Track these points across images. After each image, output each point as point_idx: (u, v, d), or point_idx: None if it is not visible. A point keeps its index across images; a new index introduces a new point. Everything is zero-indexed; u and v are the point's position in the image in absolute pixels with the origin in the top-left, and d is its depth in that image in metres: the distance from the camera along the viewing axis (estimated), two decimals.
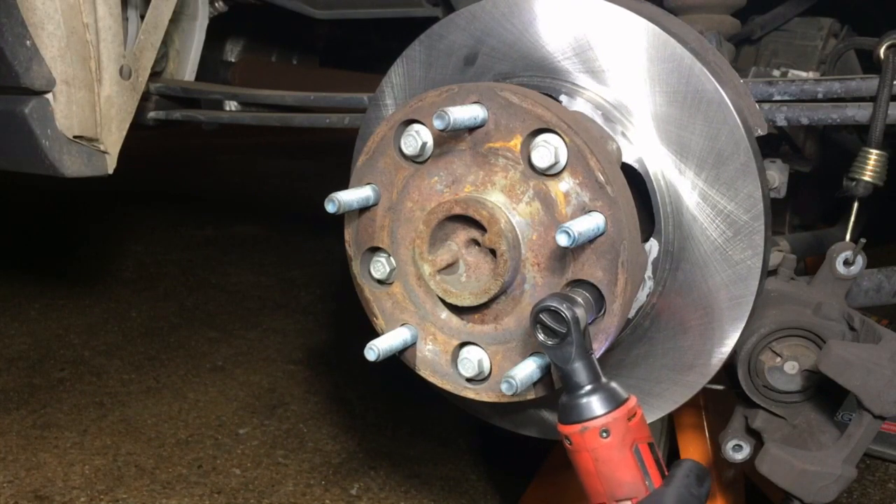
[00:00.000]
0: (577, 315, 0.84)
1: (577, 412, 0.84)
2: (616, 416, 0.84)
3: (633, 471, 0.84)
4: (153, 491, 2.35)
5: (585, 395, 0.85)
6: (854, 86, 1.18)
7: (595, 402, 0.85)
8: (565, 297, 0.86)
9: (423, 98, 1.01)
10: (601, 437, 0.83)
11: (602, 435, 0.83)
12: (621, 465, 0.84)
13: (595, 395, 0.85)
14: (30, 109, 1.47)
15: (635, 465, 0.84)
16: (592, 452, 0.84)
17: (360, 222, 1.10)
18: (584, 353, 0.85)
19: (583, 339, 0.85)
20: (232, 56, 2.43)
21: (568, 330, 0.84)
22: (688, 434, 1.99)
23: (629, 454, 0.84)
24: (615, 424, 0.83)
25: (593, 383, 0.86)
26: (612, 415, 0.84)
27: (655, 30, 1.05)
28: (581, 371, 0.85)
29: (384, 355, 1.05)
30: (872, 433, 1.04)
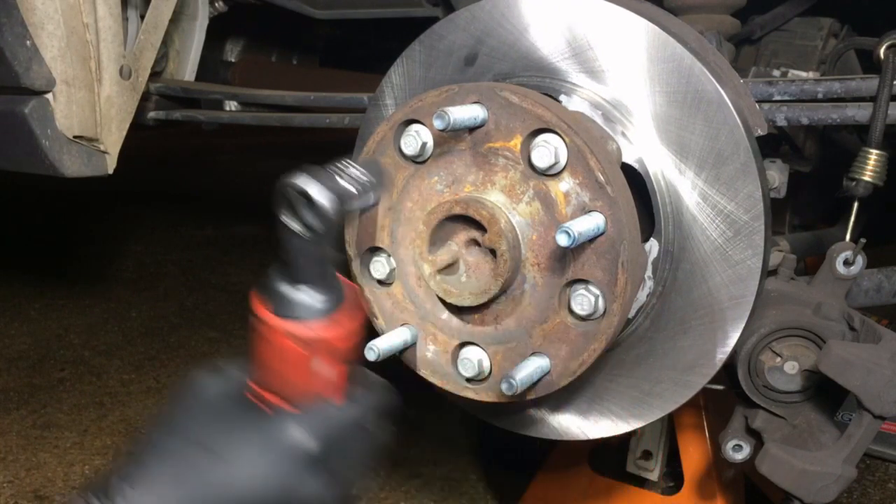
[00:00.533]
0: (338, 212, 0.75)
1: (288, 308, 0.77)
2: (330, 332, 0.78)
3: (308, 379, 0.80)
4: None
5: (310, 291, 0.77)
6: (854, 86, 1.18)
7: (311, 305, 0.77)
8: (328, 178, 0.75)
9: (423, 98, 1.01)
10: (288, 339, 0.78)
11: (290, 338, 0.78)
12: (303, 374, 0.80)
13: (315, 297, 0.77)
14: (30, 109, 1.47)
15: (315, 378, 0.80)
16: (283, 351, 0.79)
17: (360, 222, 1.10)
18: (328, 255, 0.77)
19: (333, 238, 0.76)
20: (232, 56, 2.43)
21: (320, 218, 0.74)
22: (688, 434, 2.00)
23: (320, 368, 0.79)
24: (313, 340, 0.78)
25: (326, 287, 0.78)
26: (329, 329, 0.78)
27: (655, 30, 1.04)
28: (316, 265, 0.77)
29: (384, 355, 1.05)
30: (872, 433, 1.04)
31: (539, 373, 0.98)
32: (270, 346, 0.80)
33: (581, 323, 0.97)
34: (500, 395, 1.01)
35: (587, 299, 0.95)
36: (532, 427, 1.24)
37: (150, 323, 3.60)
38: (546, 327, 0.98)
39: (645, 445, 2.08)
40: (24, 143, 1.50)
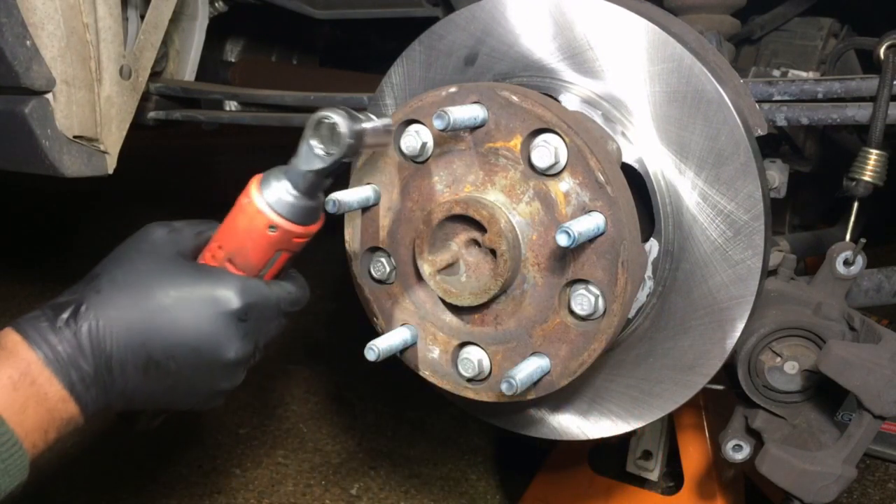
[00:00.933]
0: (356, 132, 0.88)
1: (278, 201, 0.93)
2: (295, 229, 0.94)
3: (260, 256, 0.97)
4: (153, 491, 2.35)
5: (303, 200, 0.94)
6: (854, 86, 1.18)
7: (299, 211, 0.94)
8: (351, 116, 0.89)
9: (423, 98, 1.01)
10: (270, 231, 0.94)
11: (271, 230, 0.94)
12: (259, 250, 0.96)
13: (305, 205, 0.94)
14: (30, 109, 1.47)
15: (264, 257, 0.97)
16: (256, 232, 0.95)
17: (361, 222, 1.10)
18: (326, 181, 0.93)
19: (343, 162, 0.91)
20: (232, 56, 2.43)
21: (340, 146, 0.88)
22: (688, 434, 2.00)
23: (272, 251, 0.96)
24: (287, 234, 0.94)
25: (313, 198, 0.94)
26: (297, 227, 0.94)
27: (655, 30, 1.05)
28: (315, 180, 0.93)
29: (384, 355, 1.05)
30: (872, 433, 1.04)
31: (539, 373, 0.98)
32: (248, 221, 0.94)
33: (581, 323, 0.97)
34: (500, 395, 1.01)
35: (587, 299, 0.95)
36: (532, 427, 1.24)
37: None
38: (546, 327, 0.98)
39: (645, 445, 2.08)
40: (24, 143, 1.50)
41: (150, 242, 0.98)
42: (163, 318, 0.92)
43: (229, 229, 0.98)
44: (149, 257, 0.96)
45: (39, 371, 0.88)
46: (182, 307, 0.93)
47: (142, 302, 0.92)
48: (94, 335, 0.90)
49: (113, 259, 0.97)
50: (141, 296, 0.92)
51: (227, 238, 0.98)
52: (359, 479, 2.46)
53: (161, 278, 0.94)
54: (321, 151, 0.90)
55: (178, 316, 0.92)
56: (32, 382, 0.87)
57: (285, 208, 0.93)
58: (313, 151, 0.90)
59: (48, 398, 0.88)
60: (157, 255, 0.96)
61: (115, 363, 0.92)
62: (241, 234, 0.96)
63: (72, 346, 0.89)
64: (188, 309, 0.93)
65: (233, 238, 0.97)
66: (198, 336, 0.93)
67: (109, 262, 0.97)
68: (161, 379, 0.94)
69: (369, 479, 2.47)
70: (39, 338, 0.89)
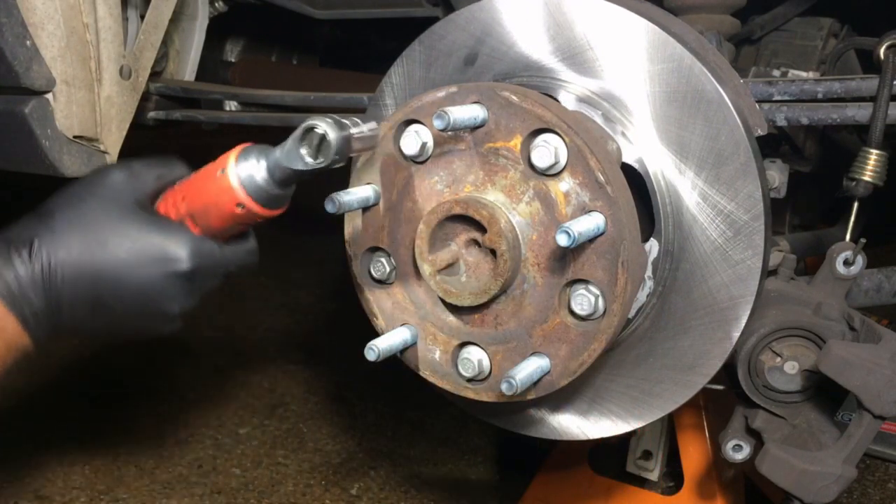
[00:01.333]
0: (342, 147, 0.90)
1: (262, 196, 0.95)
2: (259, 211, 0.96)
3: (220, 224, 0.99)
4: (153, 491, 2.35)
5: (274, 189, 0.95)
6: (854, 86, 1.18)
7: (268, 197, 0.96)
8: (342, 127, 0.90)
9: (423, 98, 1.01)
10: (237, 207, 0.96)
11: (238, 207, 0.96)
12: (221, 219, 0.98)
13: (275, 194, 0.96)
14: (30, 109, 1.47)
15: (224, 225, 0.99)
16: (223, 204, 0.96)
17: (361, 222, 1.10)
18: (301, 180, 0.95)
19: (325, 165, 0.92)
20: (232, 56, 2.43)
21: (326, 158, 0.90)
22: (688, 434, 2.00)
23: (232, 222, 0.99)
24: (251, 213, 0.97)
25: (285, 188, 0.96)
26: (263, 210, 0.97)
27: (655, 30, 1.05)
28: (292, 176, 0.94)
29: (384, 355, 1.05)
30: (872, 433, 1.04)
31: (539, 373, 0.98)
32: (217, 192, 0.96)
33: (581, 323, 0.97)
34: (500, 395, 1.01)
35: (587, 299, 0.95)
36: (532, 427, 1.24)
37: None
38: (546, 327, 0.98)
39: (645, 445, 2.08)
40: (24, 143, 1.50)
41: (108, 187, 0.98)
42: (113, 267, 0.95)
43: (197, 190, 0.99)
44: (106, 203, 0.96)
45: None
46: (133, 260, 0.95)
47: (95, 248, 0.94)
48: (45, 274, 0.93)
49: (68, 198, 0.98)
50: (94, 241, 0.94)
51: (193, 197, 0.99)
52: (359, 479, 2.46)
53: (116, 227, 0.95)
54: (308, 157, 0.91)
55: (128, 268, 0.95)
56: None
57: (256, 191, 0.95)
58: (298, 153, 0.91)
59: (5, 330, 0.92)
60: (114, 201, 0.97)
61: (64, 301, 0.95)
62: (208, 200, 0.97)
63: (25, 282, 0.93)
64: (138, 263, 0.95)
65: (198, 199, 0.98)
66: (145, 289, 0.96)
67: (64, 200, 0.98)
68: (106, 318, 0.98)
69: (369, 479, 2.47)
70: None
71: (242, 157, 0.96)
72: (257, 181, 0.94)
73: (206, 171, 0.99)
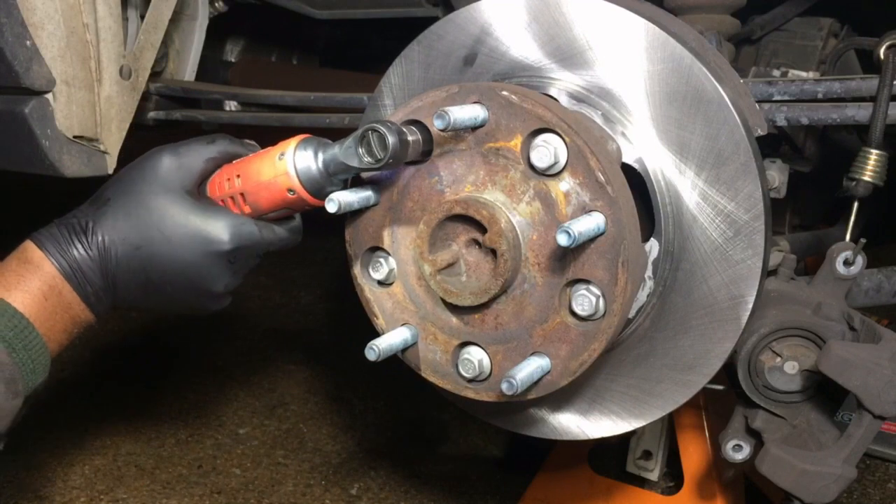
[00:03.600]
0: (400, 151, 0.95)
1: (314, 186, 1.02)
2: (310, 200, 1.03)
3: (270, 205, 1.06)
4: (153, 491, 2.35)
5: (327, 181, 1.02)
6: (854, 86, 1.18)
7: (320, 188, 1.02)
8: (400, 133, 0.95)
9: (424, 98, 1.01)
10: (288, 193, 1.03)
11: (289, 192, 1.03)
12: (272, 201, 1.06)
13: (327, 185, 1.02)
14: (30, 109, 1.47)
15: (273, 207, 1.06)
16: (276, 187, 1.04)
17: (361, 222, 1.10)
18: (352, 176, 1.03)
19: None
20: (232, 56, 2.43)
21: (382, 159, 0.94)
22: (688, 434, 2.00)
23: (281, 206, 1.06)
24: (300, 200, 1.03)
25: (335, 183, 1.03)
26: (313, 199, 1.03)
27: (655, 30, 1.05)
28: (345, 171, 1.00)
29: (384, 355, 1.05)
30: (872, 433, 1.04)
31: (539, 372, 0.98)
32: (273, 175, 1.02)
33: (581, 323, 0.97)
34: (501, 395, 1.01)
35: (588, 299, 0.95)
36: (532, 427, 1.24)
37: (150, 323, 3.60)
38: (546, 327, 0.98)
39: (645, 445, 2.08)
40: (24, 143, 1.50)
41: (157, 172, 1.06)
42: (162, 250, 1.04)
43: (253, 170, 1.05)
44: (154, 188, 1.05)
45: (62, 284, 1.03)
46: (179, 243, 1.04)
47: (145, 232, 1.04)
48: (102, 255, 1.04)
49: (121, 184, 1.07)
50: (145, 226, 1.04)
51: (248, 176, 1.05)
52: (359, 479, 2.46)
53: (163, 212, 1.04)
54: (365, 157, 0.96)
55: (175, 250, 1.04)
56: (59, 293, 1.03)
57: (309, 180, 1.01)
58: (356, 152, 0.96)
59: (72, 307, 1.05)
60: (161, 186, 1.05)
61: (119, 281, 1.06)
62: (262, 181, 1.04)
63: (85, 263, 1.04)
64: (184, 245, 1.04)
65: (252, 179, 1.05)
66: (191, 269, 1.05)
67: (118, 187, 1.07)
68: (158, 297, 1.09)
69: (369, 479, 2.47)
70: (59, 254, 1.04)
71: (302, 146, 1.02)
72: (312, 171, 1.01)
73: (264, 153, 1.05)
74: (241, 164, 1.08)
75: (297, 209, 1.08)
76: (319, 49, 2.67)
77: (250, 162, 1.06)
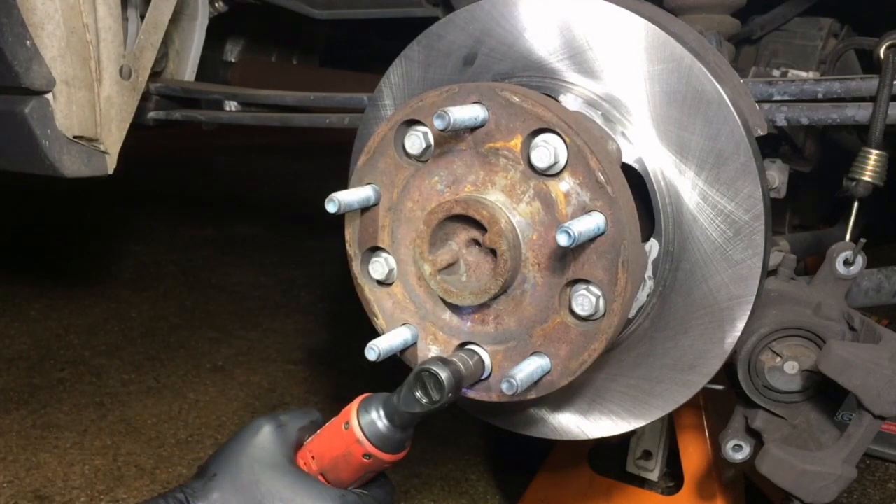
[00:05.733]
0: (455, 384, 0.97)
1: (387, 443, 1.01)
2: (387, 458, 1.02)
3: (351, 476, 1.04)
4: (153, 491, 2.35)
5: (397, 434, 1.01)
6: (854, 86, 1.18)
7: (393, 443, 1.01)
8: (450, 365, 0.97)
9: (424, 98, 1.01)
10: (364, 458, 1.01)
11: (366, 457, 1.01)
12: (351, 471, 1.04)
13: (398, 438, 1.01)
14: (30, 109, 1.47)
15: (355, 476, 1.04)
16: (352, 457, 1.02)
17: (361, 222, 1.10)
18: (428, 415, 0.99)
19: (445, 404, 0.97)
20: (232, 56, 2.43)
21: (441, 397, 0.96)
22: (688, 434, 2.00)
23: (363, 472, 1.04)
24: (379, 461, 1.02)
25: (405, 431, 1.02)
26: (390, 456, 1.02)
27: (655, 30, 1.05)
28: (410, 419, 0.99)
29: (385, 355, 1.05)
30: (872, 433, 1.04)
31: (539, 372, 0.98)
32: (345, 447, 1.02)
33: (581, 323, 0.97)
34: (501, 394, 1.01)
35: (588, 299, 0.95)
36: (532, 427, 1.24)
37: (150, 323, 3.60)
38: (546, 327, 0.98)
39: (645, 445, 2.08)
40: (24, 143, 1.50)
41: (259, 447, 1.06)
42: None
43: (326, 447, 1.05)
44: (258, 464, 1.05)
45: None
46: None
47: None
48: None
49: (225, 458, 1.07)
50: (253, 501, 1.02)
51: (322, 455, 1.05)
52: None
53: (271, 487, 1.03)
54: (423, 399, 0.97)
55: None
56: None
57: (380, 440, 1.00)
58: (414, 397, 0.97)
59: None
60: (267, 461, 1.05)
61: None
62: (337, 454, 1.03)
63: None
64: None
65: (327, 456, 1.04)
66: None
67: (222, 461, 1.07)
68: None
69: None
70: None
71: (363, 408, 1.01)
72: (380, 430, 1.00)
73: (331, 427, 1.05)
74: (314, 442, 1.07)
75: (378, 469, 1.05)
76: (319, 49, 2.67)
77: (320, 440, 1.06)
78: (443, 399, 0.95)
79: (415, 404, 0.97)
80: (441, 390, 0.95)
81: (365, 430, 1.00)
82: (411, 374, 0.97)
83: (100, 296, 3.87)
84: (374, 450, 1.00)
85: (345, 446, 1.02)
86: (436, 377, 0.95)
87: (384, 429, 1.00)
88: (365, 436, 1.00)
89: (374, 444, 1.00)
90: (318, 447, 1.05)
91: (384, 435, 1.00)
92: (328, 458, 1.04)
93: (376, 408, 1.01)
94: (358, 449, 1.00)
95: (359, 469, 1.03)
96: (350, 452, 1.01)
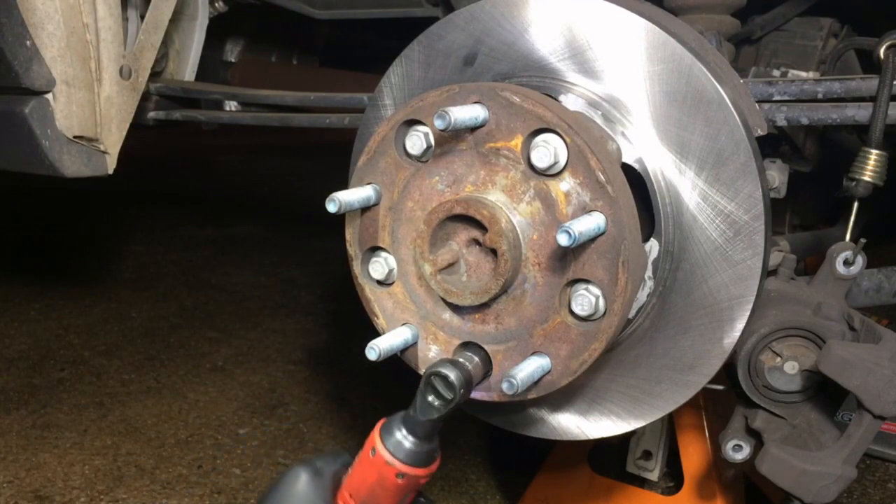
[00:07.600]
0: (465, 381, 0.97)
1: (415, 458, 1.00)
2: (420, 473, 1.01)
3: (391, 501, 1.03)
4: (153, 491, 2.35)
5: (423, 446, 1.01)
6: (854, 86, 1.18)
7: (421, 456, 1.01)
8: (457, 364, 0.98)
9: (424, 98, 1.01)
10: (398, 478, 1.00)
11: (399, 478, 1.00)
12: (390, 497, 1.03)
13: (425, 450, 1.01)
14: (30, 109, 1.47)
15: (395, 501, 1.03)
16: (386, 481, 1.01)
17: (361, 222, 1.10)
18: (446, 417, 1.00)
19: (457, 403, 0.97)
20: (232, 56, 2.43)
21: (454, 396, 0.96)
22: (688, 434, 2.00)
23: (401, 495, 1.03)
24: (414, 478, 1.01)
25: (431, 441, 1.01)
26: (422, 471, 1.01)
27: (655, 30, 1.05)
28: (432, 427, 0.99)
29: (385, 355, 1.05)
30: (872, 433, 1.04)
31: (540, 372, 0.98)
32: (377, 473, 1.01)
33: (582, 323, 0.97)
34: (501, 394, 1.01)
35: (588, 299, 0.95)
36: (532, 427, 1.24)
37: (150, 323, 3.60)
38: (547, 327, 0.98)
39: (645, 445, 2.08)
40: (24, 143, 1.50)
41: (300, 496, 1.06)
42: None
43: (360, 481, 1.04)
44: None
45: None
46: None
47: None
48: None
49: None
50: None
51: (359, 489, 1.04)
52: None
53: None
54: (437, 402, 0.98)
55: None
56: None
57: (409, 456, 1.00)
58: (428, 403, 0.98)
59: None
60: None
61: None
62: (372, 483, 1.02)
63: None
64: None
65: (363, 489, 1.04)
66: None
67: None
68: None
69: None
70: None
71: (384, 430, 1.02)
72: (406, 446, 1.00)
73: (360, 460, 1.05)
74: (347, 484, 1.07)
75: (415, 488, 1.05)
76: (319, 49, 2.67)
77: (353, 477, 1.06)
78: (456, 397, 0.96)
79: (431, 410, 0.98)
80: (452, 388, 0.96)
81: (391, 449, 1.00)
82: (420, 383, 0.97)
83: (100, 296, 3.87)
84: (405, 467, 1.00)
85: (377, 472, 1.01)
86: (445, 378, 0.96)
87: (409, 444, 1.00)
88: (393, 455, 1.00)
89: (404, 462, 1.00)
90: (353, 483, 1.05)
91: (410, 450, 1.00)
92: (365, 490, 1.03)
93: (397, 426, 1.01)
94: (389, 471, 1.00)
95: (395, 492, 1.02)
96: (383, 477, 1.01)
